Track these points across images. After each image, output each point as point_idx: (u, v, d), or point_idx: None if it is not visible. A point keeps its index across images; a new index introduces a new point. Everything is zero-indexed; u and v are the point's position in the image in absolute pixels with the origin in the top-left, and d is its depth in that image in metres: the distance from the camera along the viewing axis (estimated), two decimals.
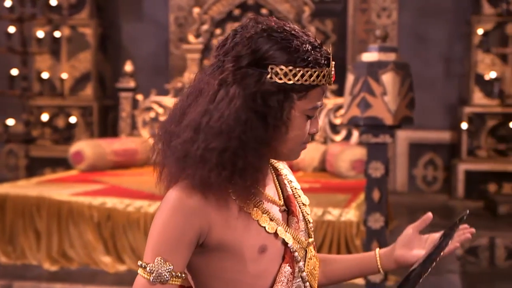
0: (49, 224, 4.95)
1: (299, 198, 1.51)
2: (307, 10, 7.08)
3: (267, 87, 1.29)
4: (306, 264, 1.42)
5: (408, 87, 3.94)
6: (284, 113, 1.31)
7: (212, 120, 1.29)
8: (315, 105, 1.36)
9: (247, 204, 1.35)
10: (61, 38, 8.31)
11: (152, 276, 1.29)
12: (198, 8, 7.31)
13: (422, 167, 8.18)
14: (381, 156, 3.98)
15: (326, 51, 1.36)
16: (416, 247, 1.56)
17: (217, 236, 1.32)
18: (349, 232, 4.56)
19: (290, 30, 1.34)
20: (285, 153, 1.38)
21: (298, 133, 1.35)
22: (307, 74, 1.31)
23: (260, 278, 1.35)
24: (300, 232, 1.43)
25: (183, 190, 1.30)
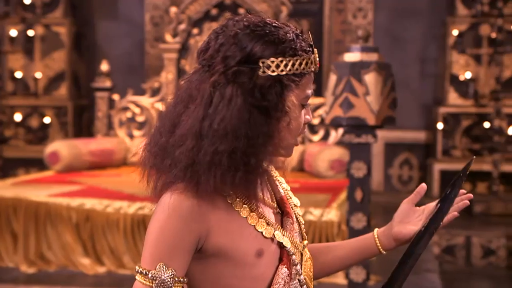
0: (26, 226, 4.87)
1: (291, 199, 1.49)
2: (284, 10, 7.08)
3: (262, 82, 1.28)
4: (303, 267, 1.41)
5: (390, 87, 3.96)
6: (285, 104, 1.30)
7: (214, 123, 1.26)
8: (307, 94, 1.36)
9: (243, 208, 1.33)
10: (35, 37, 8.19)
11: (155, 283, 1.26)
12: (175, 7, 7.27)
13: (398, 167, 8.23)
14: (363, 156, 3.99)
15: (309, 38, 1.36)
16: (413, 221, 1.53)
17: (214, 241, 1.30)
18: (330, 232, 4.56)
19: (272, 23, 1.34)
20: (283, 148, 1.35)
21: (297, 124, 1.35)
22: (297, 63, 1.31)
23: (258, 281, 1.34)
24: (295, 234, 1.42)
25: (180, 194, 1.28)
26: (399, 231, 1.52)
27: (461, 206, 1.51)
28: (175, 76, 7.19)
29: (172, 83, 7.19)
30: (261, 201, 1.38)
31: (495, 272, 5.76)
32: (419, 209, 1.55)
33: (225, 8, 7.12)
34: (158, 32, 8.14)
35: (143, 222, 4.67)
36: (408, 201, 1.55)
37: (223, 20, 1.37)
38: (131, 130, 7.27)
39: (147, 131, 7.28)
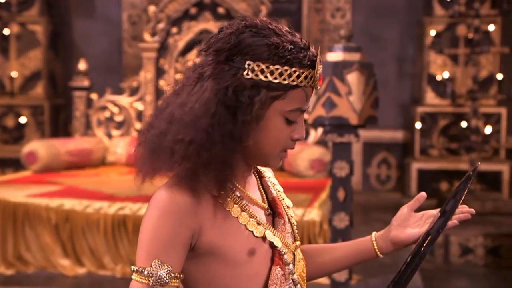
0: (4, 227, 4.81)
1: (283, 201, 1.48)
2: (263, 9, 7.08)
3: (240, 82, 1.27)
4: (295, 267, 1.41)
5: (373, 86, 3.97)
6: (254, 109, 1.27)
7: (184, 112, 1.27)
8: (295, 108, 1.32)
9: (234, 208, 1.33)
10: (10, 35, 8.09)
11: (152, 279, 1.26)
12: (154, 6, 7.22)
13: (376, 166, 8.27)
14: (346, 156, 4.00)
15: (312, 54, 1.32)
16: (411, 226, 1.52)
17: (207, 239, 1.30)
18: (312, 232, 4.57)
19: (274, 29, 1.32)
20: (263, 157, 1.35)
21: (276, 135, 1.32)
22: (285, 73, 1.29)
23: (251, 281, 1.34)
24: (287, 235, 1.42)
25: (172, 189, 1.28)
26: (396, 235, 1.52)
27: (462, 217, 1.50)
28: (154, 75, 7.15)
29: (151, 82, 7.15)
30: (252, 202, 1.38)
31: (473, 270, 5.81)
32: (418, 214, 1.54)
33: (204, 7, 7.10)
34: (136, 31, 8.08)
35: (123, 223, 4.64)
36: (407, 207, 1.55)
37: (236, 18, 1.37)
38: (110, 129, 7.22)
39: (125, 131, 7.23)
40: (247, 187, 1.40)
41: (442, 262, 6.05)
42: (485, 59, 7.48)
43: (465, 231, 6.08)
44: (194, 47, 7.12)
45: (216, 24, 7.04)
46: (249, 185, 1.40)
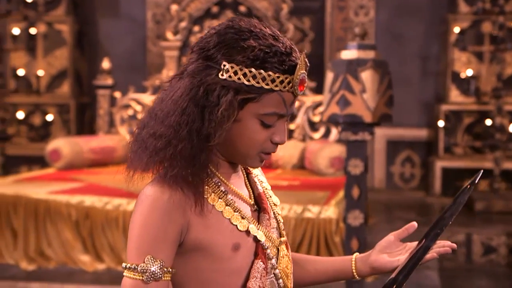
0: (26, 223, 4.90)
1: (270, 198, 1.49)
2: (285, 7, 7.08)
3: (213, 82, 1.29)
4: (278, 262, 1.42)
5: (387, 84, 3.96)
6: (220, 110, 1.28)
7: (160, 107, 1.31)
8: (270, 112, 1.32)
9: (218, 203, 1.35)
10: (37, 34, 8.22)
11: (145, 275, 1.28)
12: (176, 5, 7.28)
13: (400, 164, 8.23)
14: (360, 154, 3.99)
15: (293, 59, 1.32)
16: (392, 254, 1.52)
17: (193, 236, 1.32)
18: (328, 229, 4.57)
19: (256, 32, 1.31)
20: (239, 156, 1.37)
21: (251, 136, 1.33)
22: (259, 76, 1.29)
23: (234, 275, 1.35)
24: (271, 230, 1.43)
25: (159, 185, 1.30)
26: (375, 260, 1.52)
27: (441, 251, 1.49)
28: None
29: None
30: (238, 197, 1.39)
31: (495, 269, 5.76)
32: (402, 244, 1.54)
33: (226, 6, 7.14)
34: (160, 30, 8.15)
35: None
36: (394, 235, 1.55)
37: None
38: (132, 127, 7.28)
39: None
40: (234, 183, 1.41)
41: (464, 261, 6.00)
42: (510, 56, 7.40)
43: (488, 230, 6.02)
44: None
45: None
46: (236, 181, 1.42)
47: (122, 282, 1.30)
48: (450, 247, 1.50)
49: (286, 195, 5.12)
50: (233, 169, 1.42)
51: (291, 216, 4.63)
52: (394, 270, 1.49)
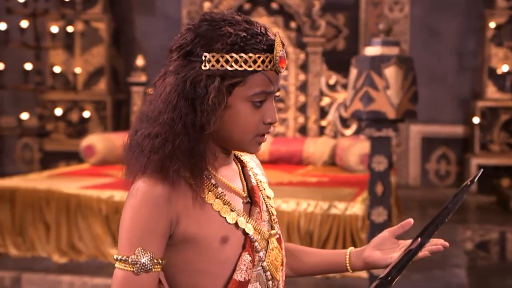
0: (58, 217, 5.01)
1: (264, 191, 1.51)
2: (317, 4, 7.07)
3: (197, 74, 1.32)
4: (267, 254, 1.43)
5: (411, 81, 3.93)
6: (210, 98, 1.31)
7: (150, 109, 1.34)
8: (258, 91, 1.35)
9: (208, 195, 1.37)
10: (75, 33, 8.37)
11: (136, 267, 1.30)
12: (208, 2, 7.34)
13: (435, 161, 8.15)
14: (384, 150, 3.98)
15: (270, 38, 1.35)
16: (386, 250, 1.53)
17: (183, 228, 1.34)
18: (354, 226, 4.57)
19: (229, 19, 1.34)
20: (237, 143, 1.39)
21: (244, 120, 1.36)
22: (240, 60, 1.32)
23: (222, 266, 1.37)
24: (262, 223, 1.44)
25: (150, 180, 1.33)
26: (369, 255, 1.54)
27: (434, 249, 1.49)
28: None
29: None
30: (229, 190, 1.41)
31: None
32: (397, 242, 1.54)
33: (258, 3, 7.16)
34: None
35: None
36: (389, 231, 1.55)
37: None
38: None
39: None
40: (227, 175, 1.43)
41: (498, 260, 5.93)
42: None
43: None
44: None
45: (269, 19, 7.09)
46: (229, 174, 1.44)
47: (114, 273, 1.33)
48: (442, 245, 1.50)
49: (314, 191, 5.13)
50: (226, 162, 1.44)
51: (317, 212, 4.64)
52: (387, 266, 1.49)
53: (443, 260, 5.07)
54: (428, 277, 4.66)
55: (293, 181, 5.63)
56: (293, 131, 7.07)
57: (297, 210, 4.67)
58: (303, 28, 7.03)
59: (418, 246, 1.44)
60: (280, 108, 7.16)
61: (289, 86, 7.11)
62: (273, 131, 7.11)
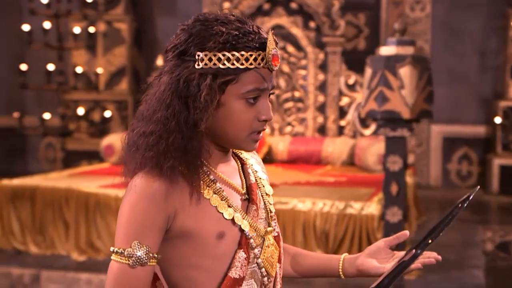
0: (77, 215, 5.07)
1: (263, 188, 1.53)
2: (336, 4, 7.06)
3: (191, 73, 1.35)
4: (263, 251, 1.45)
5: (426, 80, 3.92)
6: (202, 95, 1.33)
7: (145, 108, 1.38)
8: (251, 89, 1.37)
9: (206, 191, 1.39)
10: (97, 33, 8.46)
11: (131, 260, 1.33)
12: (228, 2, 7.37)
13: (457, 162, 8.09)
14: (399, 150, 3.98)
15: (263, 37, 1.37)
16: (380, 259, 1.55)
17: (180, 223, 1.36)
18: (370, 226, 4.56)
19: (222, 19, 1.37)
20: (232, 141, 1.41)
21: (238, 118, 1.38)
22: (233, 58, 1.34)
23: (217, 262, 1.39)
24: (259, 220, 1.46)
25: (148, 175, 1.35)
26: (361, 263, 1.55)
27: (426, 261, 1.51)
28: None
29: None
30: (228, 186, 1.44)
31: None
32: (391, 252, 1.56)
33: (277, 3, 7.17)
34: None
35: None
36: (384, 241, 1.57)
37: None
38: None
39: None
40: (225, 172, 1.45)
41: None
42: None
43: None
44: None
45: (288, 19, 7.10)
46: (228, 171, 1.46)
47: (110, 265, 1.36)
48: (435, 259, 1.52)
49: (331, 191, 5.14)
50: (224, 159, 1.46)
51: (333, 212, 4.64)
52: (379, 275, 1.51)
53: (461, 261, 5.03)
54: (445, 277, 4.64)
55: (311, 181, 5.63)
56: (312, 131, 7.07)
57: (313, 209, 4.67)
58: (323, 28, 7.03)
59: (411, 258, 1.45)
60: (299, 108, 7.16)
61: (308, 86, 7.11)
62: (292, 131, 7.12)
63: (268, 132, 7.14)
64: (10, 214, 5.23)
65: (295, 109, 7.15)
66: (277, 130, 7.16)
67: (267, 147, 6.73)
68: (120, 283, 1.34)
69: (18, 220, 5.22)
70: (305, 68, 7.12)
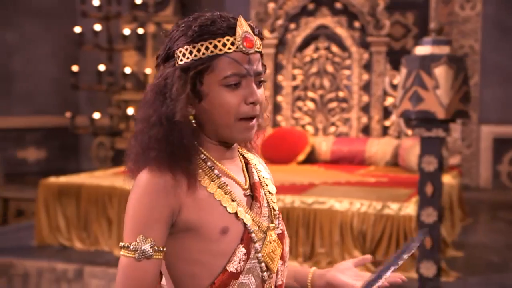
0: (120, 213, 5.19)
1: (266, 186, 1.56)
2: (381, 3, 7.01)
3: (170, 70, 1.42)
4: (264, 246, 1.48)
5: (462, 80, 3.88)
6: (175, 86, 1.40)
7: (137, 111, 1.47)
8: (228, 74, 1.40)
9: (210, 185, 1.43)
10: (146, 34, 8.61)
11: (137, 253, 1.38)
12: (273, 3, 7.40)
13: (507, 163, 7.92)
14: (434, 150, 3.95)
15: (232, 22, 1.42)
16: (349, 275, 1.61)
17: (185, 217, 1.41)
18: (408, 227, 4.53)
19: (194, 16, 1.45)
20: (223, 130, 1.44)
21: (222, 103, 1.42)
22: (202, 48, 1.39)
23: (219, 257, 1.42)
24: (262, 218, 1.49)
25: (152, 171, 1.40)
26: (333, 276, 1.61)
27: (392, 280, 1.55)
28: (272, 71, 7.32)
29: (269, 77, 7.33)
30: (232, 180, 1.48)
31: None
32: (358, 273, 1.62)
33: (322, 3, 7.15)
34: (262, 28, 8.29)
35: None
36: (352, 261, 1.65)
37: None
38: None
39: None
40: (231, 168, 1.50)
41: None
42: None
43: None
44: (312, 42, 7.20)
45: (333, 19, 7.09)
46: (232, 168, 1.50)
47: (119, 260, 1.41)
48: (400, 279, 1.57)
49: (369, 191, 5.11)
50: (228, 156, 1.50)
51: (371, 212, 4.63)
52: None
53: (504, 263, 4.95)
54: (486, 280, 4.57)
55: (351, 181, 5.62)
56: (356, 131, 7.04)
57: (350, 209, 4.67)
58: (367, 28, 6.99)
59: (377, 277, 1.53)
60: (343, 108, 7.14)
61: (352, 86, 7.08)
62: (336, 131, 7.10)
63: (312, 132, 7.15)
64: (57, 211, 5.39)
65: (339, 109, 7.13)
66: (321, 130, 7.15)
67: (310, 147, 6.73)
68: (128, 276, 1.39)
69: (64, 216, 5.38)
70: (349, 68, 7.09)
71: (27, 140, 9.15)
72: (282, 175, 5.83)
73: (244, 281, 1.44)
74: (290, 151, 6.67)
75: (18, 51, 9.01)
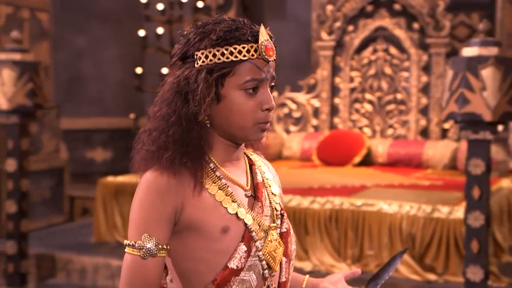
0: None
1: (269, 187, 1.59)
2: (441, 4, 6.90)
3: (191, 71, 1.46)
4: (265, 245, 1.51)
5: (511, 82, 3.80)
6: (200, 88, 1.43)
7: (152, 108, 1.50)
8: (248, 79, 1.44)
9: (212, 186, 1.47)
10: None
11: (142, 251, 1.43)
12: (331, 5, 7.39)
13: None
14: (481, 153, 3.88)
15: (254, 30, 1.47)
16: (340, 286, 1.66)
17: (187, 216, 1.45)
18: (458, 230, 4.47)
19: (215, 20, 1.48)
20: (238, 132, 1.48)
21: (239, 108, 1.46)
22: (227, 52, 1.43)
23: (221, 256, 1.46)
24: (263, 217, 1.53)
25: (156, 171, 1.45)
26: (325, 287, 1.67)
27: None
28: (330, 73, 7.31)
29: (327, 79, 7.32)
30: (233, 182, 1.52)
31: None
32: (347, 286, 1.67)
33: (380, 4, 7.10)
34: None
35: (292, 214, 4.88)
36: (342, 274, 1.69)
37: None
38: (288, 125, 7.53)
39: (302, 127, 7.49)
40: (233, 170, 1.53)
41: None
42: None
43: None
44: (370, 44, 7.16)
45: (391, 21, 7.02)
46: (234, 169, 1.54)
47: (124, 257, 1.47)
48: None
49: (421, 194, 5.06)
50: (234, 157, 1.54)
51: (420, 215, 4.58)
52: None
53: None
54: None
55: (404, 184, 5.57)
56: (414, 134, 6.95)
57: (399, 212, 4.64)
58: (426, 29, 6.90)
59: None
60: (401, 110, 7.07)
61: (410, 88, 7.00)
62: (394, 133, 7.03)
63: (369, 134, 7.10)
64: (114, 209, 5.55)
65: (397, 111, 7.06)
66: (379, 132, 7.10)
67: (366, 149, 6.69)
68: (133, 273, 1.44)
69: (120, 214, 5.54)
70: (408, 70, 7.01)
71: (94, 141, 9.45)
72: (335, 177, 5.84)
73: (245, 277, 1.47)
74: (346, 153, 6.65)
75: (87, 54, 9.32)
